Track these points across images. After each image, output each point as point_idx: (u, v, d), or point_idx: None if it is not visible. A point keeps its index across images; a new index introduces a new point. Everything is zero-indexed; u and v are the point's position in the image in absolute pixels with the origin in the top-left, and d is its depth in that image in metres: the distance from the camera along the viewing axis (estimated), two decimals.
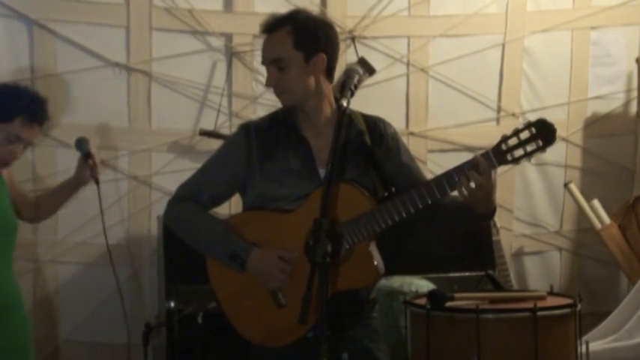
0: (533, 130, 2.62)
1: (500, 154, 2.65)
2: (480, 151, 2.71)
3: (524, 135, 2.63)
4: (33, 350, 3.42)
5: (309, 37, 2.81)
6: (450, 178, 2.67)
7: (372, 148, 2.85)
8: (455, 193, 2.73)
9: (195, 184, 2.95)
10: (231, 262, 2.80)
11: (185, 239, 2.95)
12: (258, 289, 2.80)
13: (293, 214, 2.78)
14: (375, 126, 2.91)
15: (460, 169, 2.66)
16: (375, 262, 2.75)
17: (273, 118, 2.94)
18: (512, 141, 2.64)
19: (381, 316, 3.16)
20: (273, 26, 2.82)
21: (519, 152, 2.63)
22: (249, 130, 2.89)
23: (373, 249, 2.78)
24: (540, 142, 2.61)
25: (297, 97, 2.82)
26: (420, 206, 2.68)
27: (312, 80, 2.81)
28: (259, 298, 2.80)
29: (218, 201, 2.99)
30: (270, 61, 2.82)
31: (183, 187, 2.98)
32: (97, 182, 3.66)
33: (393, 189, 2.80)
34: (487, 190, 2.67)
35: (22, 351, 3.33)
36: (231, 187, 2.95)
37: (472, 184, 2.63)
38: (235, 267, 2.81)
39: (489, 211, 2.76)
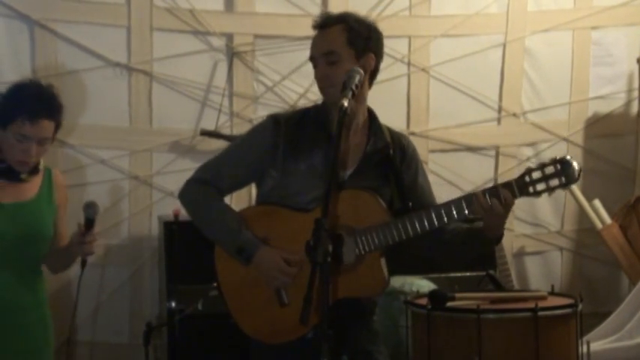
0: (559, 167, 2.67)
1: (523, 185, 2.69)
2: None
3: (549, 170, 2.67)
4: (50, 353, 3.42)
5: (362, 35, 2.84)
6: (469, 201, 2.70)
7: (395, 161, 2.87)
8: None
9: (215, 167, 2.94)
10: (237, 255, 2.80)
11: (196, 223, 2.93)
12: (262, 285, 2.80)
13: (310, 214, 2.76)
14: (399, 141, 2.93)
15: (481, 195, 2.69)
16: (384, 275, 2.77)
17: (304, 113, 2.93)
18: (536, 175, 2.68)
19: (382, 316, 3.16)
20: (328, 22, 2.85)
21: (542, 186, 2.68)
22: (279, 120, 2.88)
23: (383, 261, 2.80)
24: (564, 180, 2.66)
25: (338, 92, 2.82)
26: (436, 225, 2.72)
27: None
28: (262, 293, 2.80)
29: (236, 187, 2.99)
30: (322, 54, 2.82)
31: (203, 170, 2.96)
32: (84, 264, 3.26)
33: (410, 204, 2.83)
34: (503, 218, 2.72)
35: (38, 353, 3.34)
36: (252, 174, 2.92)
37: (490, 211, 2.68)
38: (241, 261, 2.81)
39: (498, 236, 2.80)
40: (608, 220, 5.11)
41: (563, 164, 2.66)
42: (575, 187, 5.12)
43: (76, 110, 4.69)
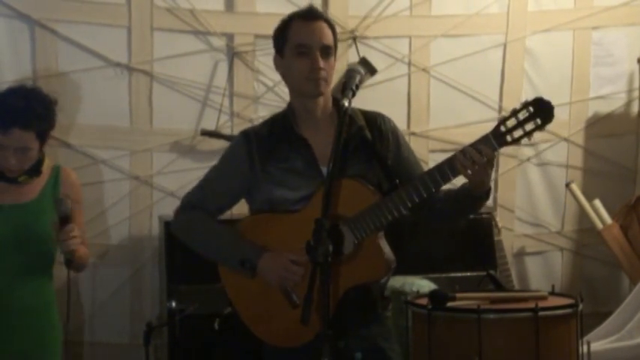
0: (531, 109, 2.61)
1: (499, 135, 2.65)
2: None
3: (523, 115, 2.62)
4: (56, 355, 3.42)
5: (336, 36, 2.87)
6: (451, 164, 2.68)
7: (373, 142, 2.86)
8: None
9: (201, 193, 2.96)
10: (241, 267, 2.81)
11: (194, 248, 2.95)
12: (271, 291, 2.80)
13: (299, 213, 2.78)
14: (375, 121, 2.91)
15: (460, 154, 2.67)
16: (385, 255, 2.76)
17: (271, 122, 2.95)
18: (511, 122, 2.63)
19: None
20: (319, 16, 2.85)
21: (519, 132, 2.63)
22: (249, 136, 2.91)
23: (382, 242, 2.79)
24: (539, 121, 2.61)
25: (330, 88, 2.85)
26: (425, 195, 2.70)
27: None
28: (273, 300, 2.80)
29: (224, 208, 3.00)
30: (324, 45, 2.81)
31: (189, 197, 2.98)
32: (68, 264, 3.22)
33: (397, 181, 2.80)
34: (487, 172, 2.70)
35: (42, 355, 3.34)
36: (236, 194, 2.96)
37: (473, 168, 2.65)
38: (246, 272, 2.81)
39: (485, 192, 2.77)
40: (608, 220, 5.11)
41: (534, 105, 2.61)
42: (575, 188, 5.12)
43: (76, 110, 4.70)
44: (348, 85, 2.69)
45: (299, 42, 2.81)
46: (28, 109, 3.22)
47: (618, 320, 4.62)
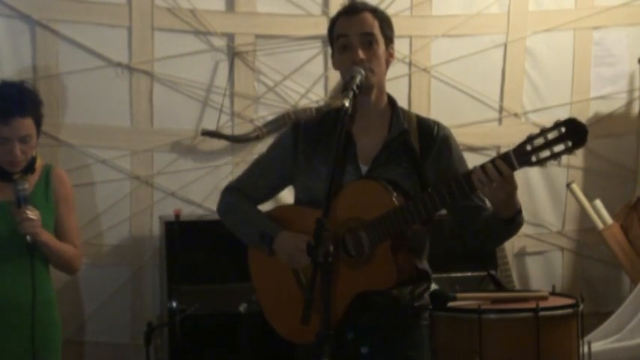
0: (563, 129, 2.40)
1: (523, 154, 2.46)
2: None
3: (552, 135, 2.41)
4: (56, 353, 3.42)
5: (388, 26, 2.82)
6: (469, 178, 2.56)
7: (419, 151, 2.79)
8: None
9: (246, 178, 3.00)
10: (260, 240, 2.82)
11: (228, 226, 2.98)
12: (291, 284, 2.79)
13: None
14: (428, 128, 2.84)
15: (479, 169, 2.54)
16: (395, 265, 2.66)
17: (326, 115, 2.92)
18: (538, 141, 2.43)
19: None
20: (360, 8, 2.81)
21: (545, 153, 2.42)
22: (298, 126, 2.90)
23: (402, 251, 2.69)
24: (570, 143, 2.39)
25: (378, 79, 2.77)
26: (440, 206, 2.61)
27: (385, 68, 2.79)
28: (292, 293, 2.79)
29: (268, 195, 3.00)
30: (362, 33, 2.75)
31: (236, 181, 3.04)
32: (32, 250, 3.24)
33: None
34: (509, 191, 2.56)
35: (40, 353, 3.34)
36: (279, 182, 2.97)
37: (490, 185, 2.52)
38: (264, 247, 2.82)
39: (513, 213, 2.64)
40: (609, 220, 5.11)
41: (567, 126, 2.39)
42: (576, 188, 5.12)
43: (77, 110, 4.70)
44: (349, 85, 2.67)
45: (339, 34, 2.78)
46: (22, 97, 3.30)
47: (619, 320, 4.62)
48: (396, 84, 5.08)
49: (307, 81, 4.91)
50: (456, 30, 5.13)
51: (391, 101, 2.86)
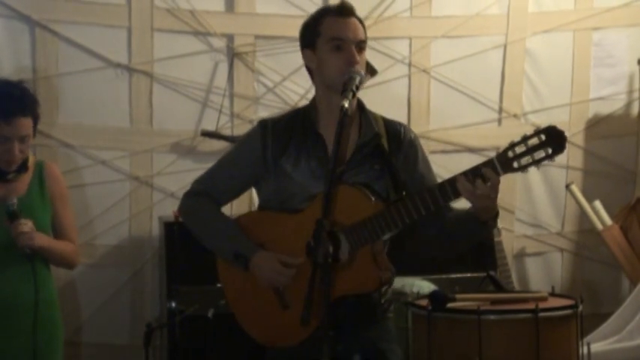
0: (543, 137, 2.50)
1: (506, 161, 2.54)
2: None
3: (533, 142, 2.51)
4: (57, 353, 3.42)
5: (366, 33, 2.87)
6: (453, 184, 2.60)
7: (389, 152, 2.82)
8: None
9: (210, 178, 2.94)
10: (235, 260, 2.80)
11: (194, 233, 2.93)
12: (264, 289, 2.80)
13: (301, 214, 2.75)
14: (395, 131, 2.87)
15: (462, 177, 2.59)
16: (377, 270, 2.70)
17: (293, 115, 2.92)
18: (520, 148, 2.52)
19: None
20: (351, 11, 2.84)
21: (527, 160, 2.52)
22: (266, 126, 2.87)
23: (380, 256, 2.73)
24: (550, 150, 2.49)
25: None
26: (423, 212, 2.64)
27: None
28: (265, 298, 2.79)
29: (232, 195, 2.98)
30: (360, 41, 2.81)
31: (198, 182, 2.97)
32: (31, 258, 3.28)
33: (404, 194, 2.77)
34: (492, 197, 2.62)
35: (39, 352, 3.34)
36: (245, 182, 2.94)
37: (475, 192, 2.58)
38: (239, 266, 2.80)
39: (491, 216, 2.69)
40: (608, 221, 5.11)
41: (547, 134, 2.49)
42: (575, 189, 5.12)
43: (76, 111, 4.70)
44: (348, 86, 2.68)
45: (334, 35, 2.79)
46: (24, 96, 3.30)
47: (618, 321, 4.63)
48: (395, 85, 5.09)
49: (307, 81, 4.86)
50: (456, 31, 5.14)
51: (359, 104, 2.87)
